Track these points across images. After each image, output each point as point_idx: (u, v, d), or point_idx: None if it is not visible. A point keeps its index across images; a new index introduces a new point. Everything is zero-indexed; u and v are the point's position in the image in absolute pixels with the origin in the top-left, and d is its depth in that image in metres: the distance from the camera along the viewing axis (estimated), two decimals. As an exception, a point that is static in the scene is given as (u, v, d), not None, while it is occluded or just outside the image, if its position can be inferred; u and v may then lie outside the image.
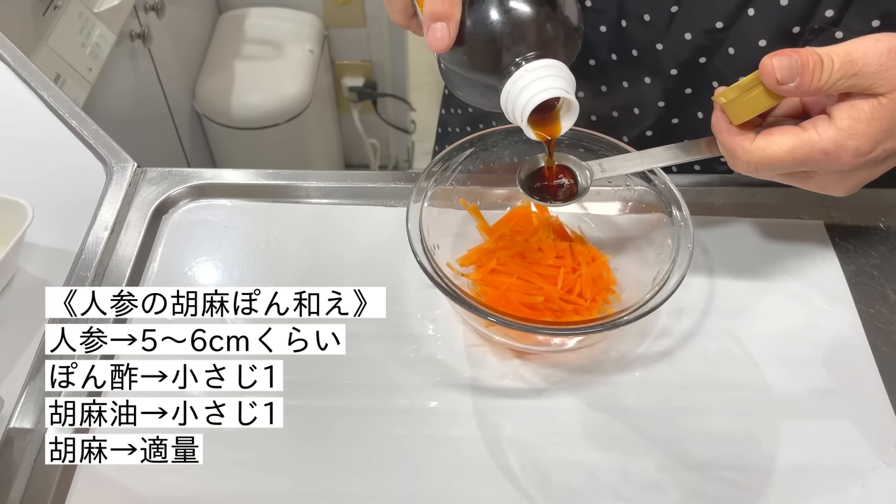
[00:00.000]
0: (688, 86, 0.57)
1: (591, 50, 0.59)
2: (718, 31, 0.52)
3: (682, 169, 0.60)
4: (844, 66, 0.37)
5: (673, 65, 0.56)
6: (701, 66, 0.55)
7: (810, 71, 0.37)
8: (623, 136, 0.63)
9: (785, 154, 0.38)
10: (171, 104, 1.33)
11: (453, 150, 0.49)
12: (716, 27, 0.52)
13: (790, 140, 0.38)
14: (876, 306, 0.50)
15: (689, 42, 0.54)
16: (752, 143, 0.39)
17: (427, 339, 0.48)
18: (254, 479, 0.42)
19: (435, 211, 0.48)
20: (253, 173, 0.57)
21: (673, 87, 0.57)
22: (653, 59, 0.56)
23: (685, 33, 0.53)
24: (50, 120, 0.60)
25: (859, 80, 0.37)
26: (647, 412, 0.45)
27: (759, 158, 0.39)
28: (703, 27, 0.52)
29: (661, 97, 0.58)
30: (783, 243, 0.53)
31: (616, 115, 0.62)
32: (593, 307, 0.47)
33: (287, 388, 0.45)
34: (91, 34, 1.02)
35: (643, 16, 0.55)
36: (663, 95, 0.58)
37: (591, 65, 0.60)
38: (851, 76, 0.37)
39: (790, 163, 0.39)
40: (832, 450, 0.43)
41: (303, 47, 1.51)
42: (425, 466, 0.42)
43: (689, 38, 0.53)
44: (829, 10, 0.48)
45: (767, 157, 0.39)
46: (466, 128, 0.77)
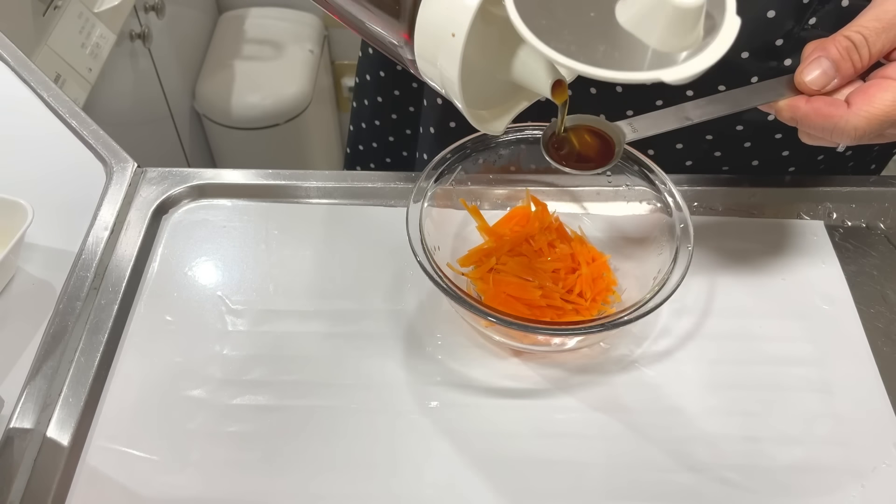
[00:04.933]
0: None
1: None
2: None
3: (683, 169, 0.60)
4: (878, 31, 0.36)
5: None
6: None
7: (847, 60, 0.36)
8: (628, 110, 0.61)
9: (891, 105, 0.37)
10: (171, 104, 1.34)
11: (453, 150, 0.49)
12: None
13: (890, 92, 0.37)
14: (876, 306, 0.50)
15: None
16: (849, 110, 0.38)
17: (427, 339, 0.48)
18: (254, 480, 0.42)
19: (435, 211, 0.48)
20: (253, 173, 0.57)
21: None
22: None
23: None
24: (50, 120, 0.60)
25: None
26: (647, 412, 0.45)
27: (865, 120, 0.38)
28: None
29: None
30: (783, 243, 0.53)
31: (620, 89, 0.61)
32: (593, 307, 0.47)
33: (287, 388, 0.46)
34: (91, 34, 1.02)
35: None
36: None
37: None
38: (893, 34, 0.36)
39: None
40: (832, 450, 0.43)
41: (303, 47, 1.51)
42: (425, 466, 0.42)
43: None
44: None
45: (875, 115, 0.37)
46: (373, 144, 0.77)
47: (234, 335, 0.48)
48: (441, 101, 0.65)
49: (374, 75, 0.73)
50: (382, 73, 0.72)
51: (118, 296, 0.49)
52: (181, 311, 0.49)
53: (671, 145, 0.59)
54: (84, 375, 0.46)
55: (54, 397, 0.45)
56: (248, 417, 0.44)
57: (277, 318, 0.49)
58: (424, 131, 0.69)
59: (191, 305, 0.49)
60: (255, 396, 0.45)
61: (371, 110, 0.76)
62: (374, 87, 0.74)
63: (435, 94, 0.65)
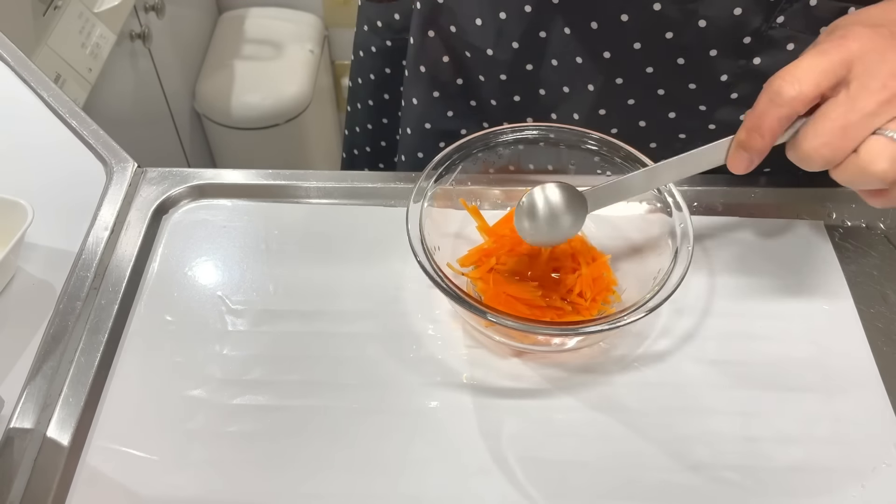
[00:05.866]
0: (650, 64, 0.55)
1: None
2: (690, 2, 0.50)
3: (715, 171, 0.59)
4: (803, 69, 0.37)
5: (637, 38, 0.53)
6: (667, 41, 0.52)
7: (770, 108, 0.37)
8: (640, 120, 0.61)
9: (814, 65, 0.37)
10: (171, 104, 1.34)
11: (453, 150, 0.49)
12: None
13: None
14: (876, 306, 0.50)
15: (657, 13, 0.51)
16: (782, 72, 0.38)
17: (427, 339, 0.48)
18: (254, 480, 0.42)
19: (435, 211, 0.48)
20: (253, 173, 0.57)
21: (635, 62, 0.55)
22: (616, 33, 0.54)
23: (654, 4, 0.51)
24: (50, 120, 0.60)
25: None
26: (647, 412, 0.45)
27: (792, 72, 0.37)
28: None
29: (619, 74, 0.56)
30: (783, 243, 0.53)
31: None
32: (593, 307, 0.47)
33: (287, 388, 0.46)
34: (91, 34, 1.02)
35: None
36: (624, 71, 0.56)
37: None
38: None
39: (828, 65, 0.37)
40: (832, 450, 0.43)
41: (303, 47, 1.51)
42: (425, 466, 0.42)
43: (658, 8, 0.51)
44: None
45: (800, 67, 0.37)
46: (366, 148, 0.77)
47: (234, 335, 0.48)
48: (416, 101, 0.65)
49: (366, 78, 0.73)
50: (372, 76, 0.72)
51: (118, 296, 0.49)
52: (181, 311, 0.49)
53: (673, 137, 0.58)
54: (84, 375, 0.46)
55: (54, 397, 0.45)
56: (248, 417, 0.44)
57: (277, 318, 0.49)
58: (402, 132, 0.69)
59: (191, 305, 0.49)
60: (255, 396, 0.45)
61: (364, 114, 0.76)
62: (366, 91, 0.74)
63: (412, 93, 0.65)
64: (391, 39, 0.68)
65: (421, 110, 0.65)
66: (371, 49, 0.70)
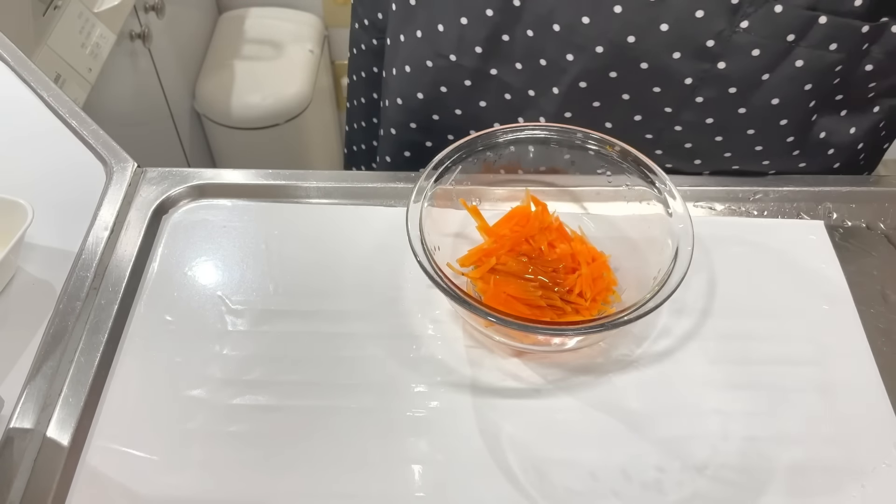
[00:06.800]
0: (612, 69, 0.54)
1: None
2: (651, 6, 0.49)
3: (682, 169, 0.60)
4: None
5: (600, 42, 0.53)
6: (629, 45, 0.52)
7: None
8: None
9: None
10: (171, 104, 1.34)
11: (453, 150, 0.49)
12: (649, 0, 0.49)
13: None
14: (876, 306, 0.50)
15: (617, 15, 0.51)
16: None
17: (427, 339, 0.48)
18: (254, 480, 0.42)
19: (435, 211, 0.48)
20: (253, 173, 0.57)
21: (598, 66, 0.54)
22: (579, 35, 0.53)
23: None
24: (50, 120, 0.60)
25: None
26: (647, 412, 0.45)
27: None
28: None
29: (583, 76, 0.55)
30: (783, 243, 0.53)
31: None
32: (593, 307, 0.47)
33: (287, 388, 0.46)
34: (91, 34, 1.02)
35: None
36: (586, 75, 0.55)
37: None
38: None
39: None
40: (832, 450, 0.43)
41: (303, 47, 1.51)
42: (425, 466, 0.42)
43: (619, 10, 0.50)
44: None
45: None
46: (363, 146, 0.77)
47: (234, 335, 0.48)
48: (401, 101, 0.65)
49: (359, 76, 0.73)
50: (363, 73, 0.72)
51: (118, 296, 0.49)
52: (181, 311, 0.49)
53: (640, 138, 0.58)
54: (84, 375, 0.46)
55: (54, 397, 0.45)
56: (248, 417, 0.44)
57: (277, 318, 0.49)
58: (385, 132, 0.69)
59: (191, 305, 0.49)
60: (255, 396, 0.45)
61: (363, 109, 0.76)
62: (364, 86, 0.74)
63: (394, 93, 0.65)
64: (377, 38, 0.68)
65: (404, 108, 0.65)
66: (361, 47, 0.71)
